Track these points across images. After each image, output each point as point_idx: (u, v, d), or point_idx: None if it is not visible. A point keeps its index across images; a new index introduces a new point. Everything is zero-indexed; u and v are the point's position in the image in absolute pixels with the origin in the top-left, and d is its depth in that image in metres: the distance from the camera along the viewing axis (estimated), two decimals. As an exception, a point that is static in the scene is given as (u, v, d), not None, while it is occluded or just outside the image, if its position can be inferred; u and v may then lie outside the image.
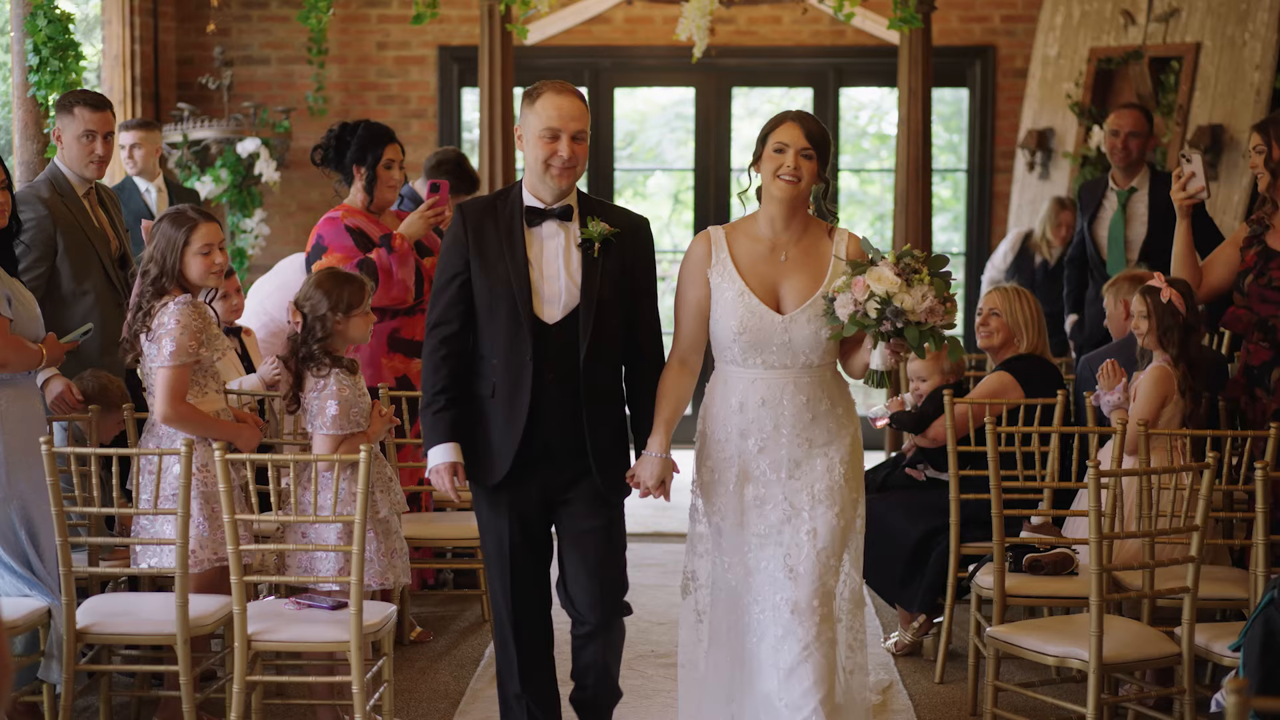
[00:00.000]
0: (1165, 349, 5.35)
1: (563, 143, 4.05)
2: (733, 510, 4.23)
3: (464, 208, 4.19)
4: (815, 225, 4.27)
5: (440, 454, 4.15)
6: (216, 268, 4.77)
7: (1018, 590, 5.02)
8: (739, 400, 4.20)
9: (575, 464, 4.17)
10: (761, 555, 4.18)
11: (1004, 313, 5.95)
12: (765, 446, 4.19)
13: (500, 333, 4.12)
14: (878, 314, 3.95)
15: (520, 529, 4.21)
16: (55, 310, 5.45)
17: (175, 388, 4.65)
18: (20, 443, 4.68)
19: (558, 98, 4.08)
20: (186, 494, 4.42)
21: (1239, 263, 5.68)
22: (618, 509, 4.29)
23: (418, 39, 10.20)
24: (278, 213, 10.13)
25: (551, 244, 4.14)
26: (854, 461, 4.24)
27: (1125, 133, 7.10)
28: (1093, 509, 4.27)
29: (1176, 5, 9.23)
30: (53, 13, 7.31)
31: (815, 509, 4.15)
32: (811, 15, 9.89)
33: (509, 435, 4.12)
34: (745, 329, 4.14)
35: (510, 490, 4.18)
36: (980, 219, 10.51)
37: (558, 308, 4.11)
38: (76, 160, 5.70)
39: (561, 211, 4.16)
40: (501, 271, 4.10)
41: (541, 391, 4.10)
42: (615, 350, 4.22)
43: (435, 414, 4.16)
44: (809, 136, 4.14)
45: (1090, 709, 4.31)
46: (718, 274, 4.20)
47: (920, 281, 3.94)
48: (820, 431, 4.19)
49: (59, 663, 4.54)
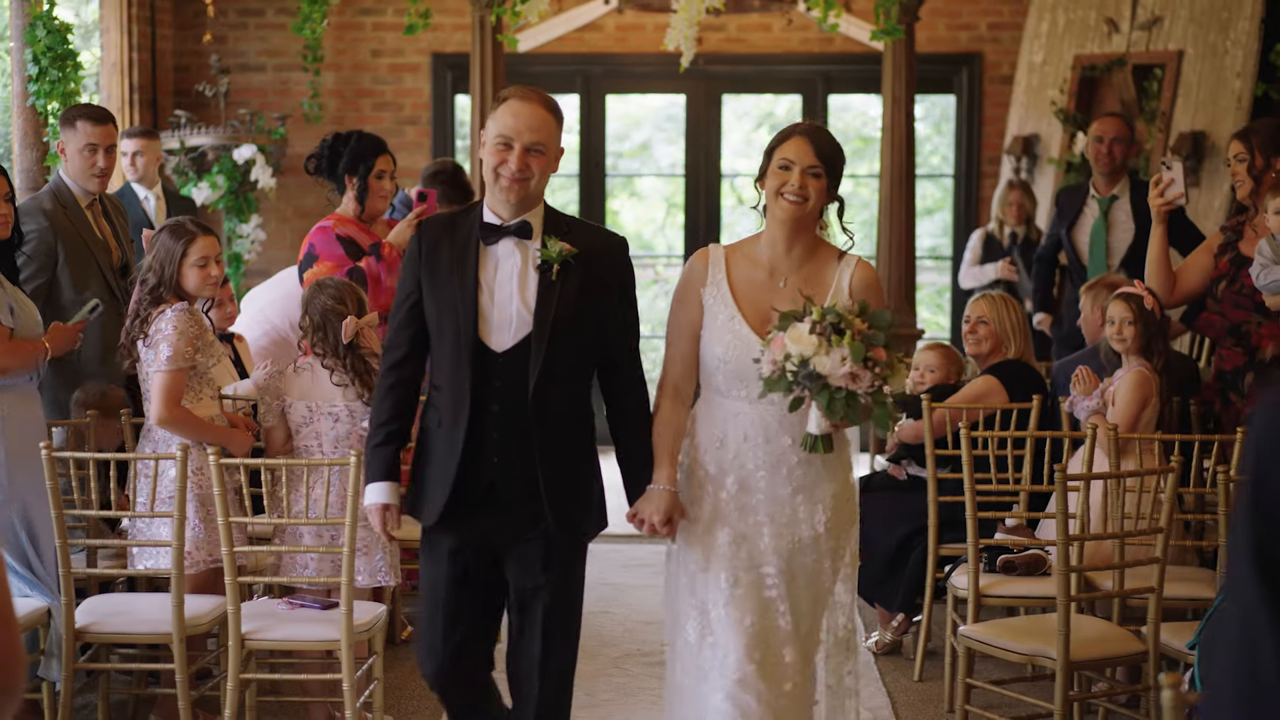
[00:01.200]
0: (1149, 355, 5.47)
1: (514, 153, 3.68)
2: (701, 554, 3.86)
3: (424, 224, 3.90)
4: (824, 250, 3.91)
5: (374, 493, 3.86)
6: (213, 279, 4.92)
7: (991, 590, 5.15)
8: (720, 434, 3.88)
9: (528, 509, 3.75)
10: (730, 608, 3.79)
11: (992, 320, 6.09)
12: (745, 486, 3.85)
13: (446, 360, 3.77)
14: (793, 376, 3.60)
15: (459, 578, 3.81)
16: (55, 318, 5.58)
17: (171, 391, 4.79)
18: (21, 446, 4.81)
19: (518, 104, 3.72)
20: (182, 497, 4.55)
21: (1213, 269, 5.81)
22: (576, 564, 3.88)
23: (412, 46, 10.33)
24: (274, 218, 10.26)
25: (507, 264, 3.75)
26: (840, 509, 3.88)
27: (1109, 139, 7.24)
28: (1059, 511, 4.41)
29: (1159, 13, 9.37)
30: (52, 23, 7.44)
31: (795, 556, 3.82)
32: (801, 23, 10.02)
33: (447, 472, 3.75)
34: (730, 357, 3.82)
35: (452, 534, 3.81)
36: (968, 223, 10.65)
37: (508, 335, 3.72)
38: (79, 173, 5.84)
39: (519, 229, 3.76)
40: (448, 294, 3.75)
41: (482, 426, 3.72)
42: (576, 382, 3.81)
43: (374, 448, 3.86)
44: (818, 153, 3.79)
45: (1057, 705, 4.44)
46: (711, 295, 3.89)
47: (840, 344, 3.55)
48: (805, 475, 3.83)
49: (59, 661, 4.66)
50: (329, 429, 4.99)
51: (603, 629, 6.28)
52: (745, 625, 3.76)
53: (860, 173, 11.67)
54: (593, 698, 5.42)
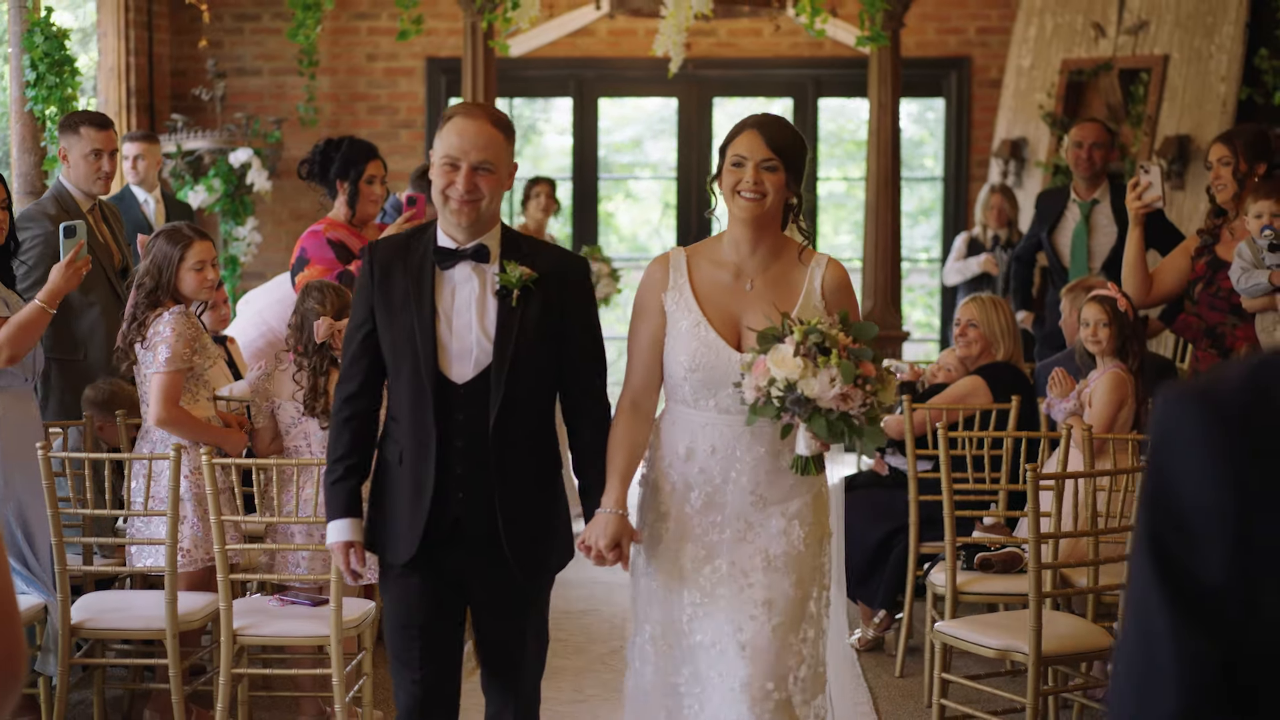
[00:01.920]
0: (1124, 357, 5.58)
1: (461, 174, 3.51)
2: (666, 571, 3.70)
3: (373, 247, 3.69)
4: (790, 249, 3.72)
5: (336, 531, 3.69)
6: (209, 283, 5.03)
7: (968, 588, 5.26)
8: (687, 446, 3.68)
9: (489, 549, 3.60)
10: (697, 628, 3.65)
11: (981, 323, 6.19)
12: (712, 501, 3.66)
13: (405, 393, 3.59)
14: (780, 402, 3.40)
15: (432, 616, 3.68)
16: (63, 319, 5.71)
17: (169, 392, 4.90)
18: (17, 447, 4.92)
19: (463, 122, 3.54)
20: (175, 496, 4.65)
21: (1189, 271, 5.90)
22: (541, 601, 3.76)
23: (406, 51, 10.44)
24: (269, 221, 10.36)
25: (464, 290, 3.57)
26: (818, 523, 3.69)
27: (1089, 144, 7.33)
28: (1031, 510, 4.51)
29: (1145, 18, 9.48)
30: (49, 29, 7.53)
31: (769, 577, 3.61)
32: (790, 28, 10.13)
33: (416, 510, 3.58)
34: (697, 365, 3.61)
35: (421, 572, 3.64)
36: (957, 226, 10.76)
37: (468, 365, 3.55)
38: (84, 178, 5.95)
39: (475, 252, 3.58)
40: (405, 323, 3.56)
41: (448, 462, 3.55)
42: (538, 413, 3.65)
43: (333, 485, 3.69)
44: (771, 145, 3.59)
45: (1030, 699, 4.55)
46: (673, 301, 3.68)
47: (828, 364, 3.36)
48: (778, 488, 3.64)
49: (55, 656, 4.77)
50: (318, 429, 5.09)
51: (590, 626, 6.38)
52: (711, 645, 3.62)
53: (853, 175, 11.78)
54: (580, 693, 5.53)
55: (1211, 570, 1.27)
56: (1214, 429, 1.29)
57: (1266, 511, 1.26)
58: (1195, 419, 1.30)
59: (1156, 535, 1.31)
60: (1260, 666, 1.26)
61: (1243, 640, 1.26)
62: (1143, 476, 1.33)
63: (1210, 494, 1.28)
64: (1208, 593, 1.27)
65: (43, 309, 4.89)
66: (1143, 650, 1.30)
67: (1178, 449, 1.31)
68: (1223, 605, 1.26)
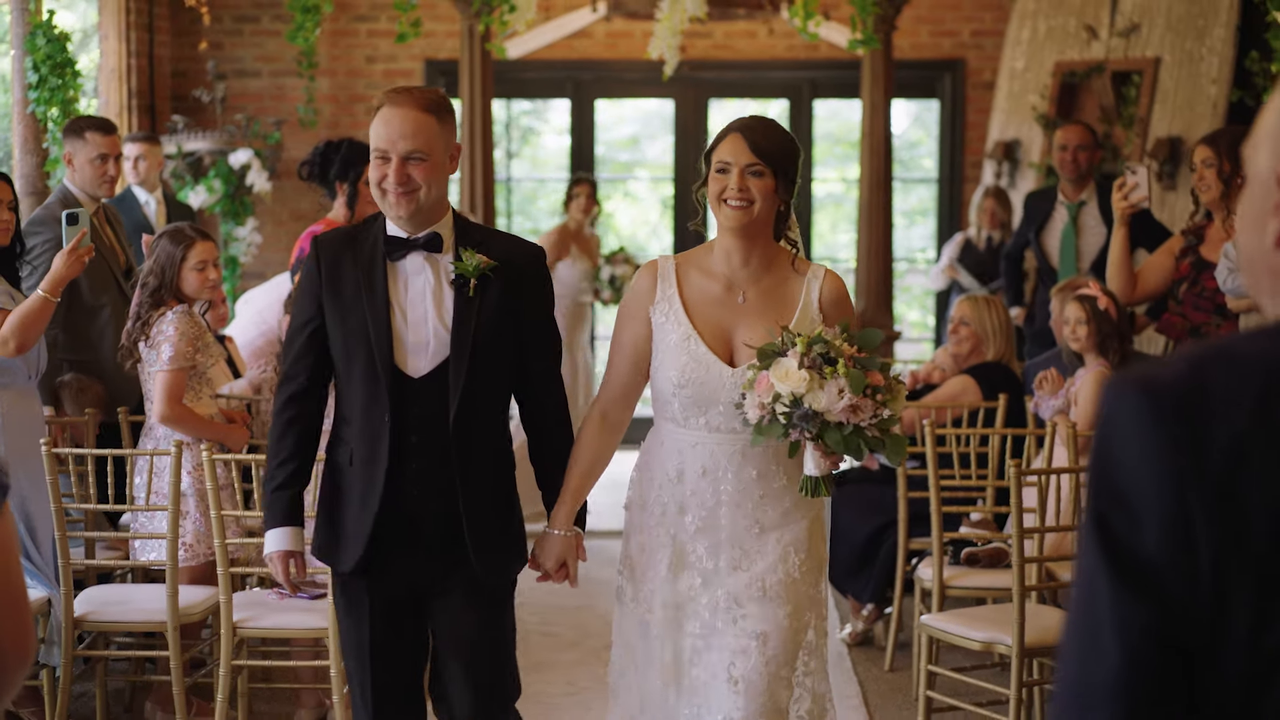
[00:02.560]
0: (1105, 354, 5.67)
1: (391, 166, 3.37)
2: (663, 603, 3.51)
3: (319, 240, 3.53)
4: (784, 258, 3.55)
5: (275, 540, 3.53)
6: (211, 282, 5.13)
7: (955, 582, 5.35)
8: (676, 467, 3.50)
9: (450, 548, 3.45)
10: (697, 661, 3.48)
11: (973, 321, 6.29)
12: (705, 525, 3.48)
13: (357, 390, 3.43)
14: (787, 418, 3.26)
15: (385, 626, 3.52)
16: (75, 321, 5.81)
17: (172, 390, 5.00)
18: (20, 443, 5.01)
19: (389, 111, 3.39)
20: (176, 492, 4.74)
21: (1173, 271, 5.99)
22: (505, 600, 3.60)
23: (405, 53, 10.52)
24: (269, 221, 10.44)
25: (418, 281, 3.44)
26: (814, 550, 3.53)
27: (1074, 147, 7.43)
28: (1015, 506, 4.61)
29: (1138, 21, 9.57)
30: (51, 31, 7.62)
31: (764, 607, 3.44)
32: (785, 30, 10.22)
33: (365, 512, 3.43)
34: (686, 381, 3.44)
35: (371, 578, 3.49)
36: (951, 227, 10.85)
37: (424, 358, 3.42)
38: (89, 182, 6.05)
39: (428, 241, 3.44)
40: (358, 316, 3.41)
41: (403, 459, 3.41)
42: (498, 405, 3.53)
43: (274, 491, 3.52)
44: (756, 149, 3.42)
45: (1013, 690, 4.64)
46: (662, 313, 3.51)
47: (835, 375, 3.24)
48: (773, 512, 3.48)
49: (59, 648, 4.86)
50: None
51: (585, 623, 6.46)
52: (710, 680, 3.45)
53: (850, 176, 11.87)
54: (573, 685, 5.62)
55: (1149, 545, 1.38)
56: (1153, 416, 1.40)
57: (1199, 491, 1.36)
58: (1136, 406, 1.41)
59: (1100, 512, 1.41)
60: (1193, 629, 1.37)
61: (1177, 607, 1.37)
62: (1090, 458, 1.43)
63: (1148, 475, 1.38)
64: (1146, 564, 1.38)
65: (45, 299, 4.95)
66: (1087, 617, 1.41)
67: (1120, 433, 1.42)
68: (1159, 576, 1.37)
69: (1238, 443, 1.37)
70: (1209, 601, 1.37)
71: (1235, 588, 1.36)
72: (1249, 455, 1.37)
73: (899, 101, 10.58)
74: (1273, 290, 1.52)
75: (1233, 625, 1.37)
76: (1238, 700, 1.38)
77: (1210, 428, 1.38)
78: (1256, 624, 1.36)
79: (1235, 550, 1.36)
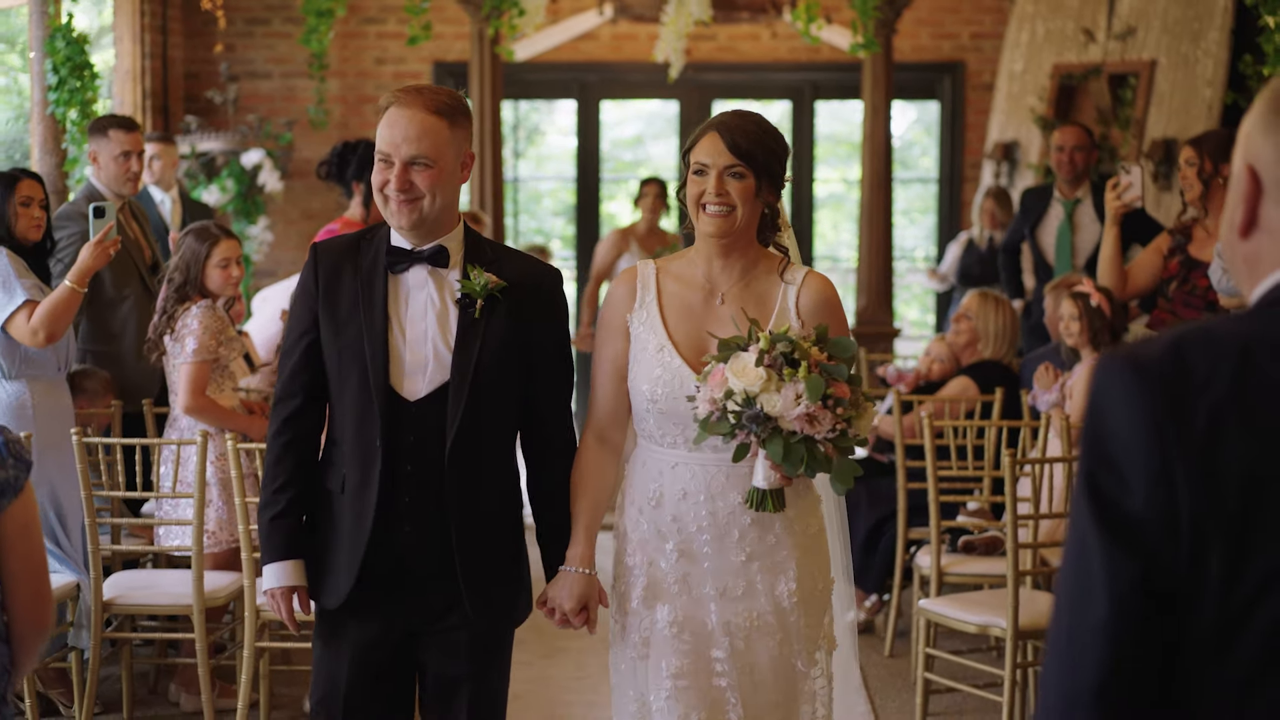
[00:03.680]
0: (1098, 348, 5.84)
1: (394, 170, 3.13)
2: (636, 638, 3.21)
3: (318, 248, 3.28)
4: (769, 262, 3.27)
5: (275, 575, 3.23)
6: (234, 279, 5.32)
7: (952, 569, 5.53)
8: (655, 490, 3.20)
9: (443, 587, 3.18)
10: (672, 701, 3.15)
11: (975, 317, 6.47)
12: (687, 553, 3.17)
13: (349, 411, 3.17)
14: (736, 417, 2.97)
15: (362, 672, 3.21)
16: (97, 313, 5.99)
17: (196, 382, 5.18)
18: (50, 433, 5.19)
19: (395, 113, 3.14)
20: (201, 479, 4.92)
21: (1161, 269, 6.16)
22: (500, 650, 3.30)
23: (414, 55, 10.68)
24: (280, 220, 10.61)
25: (419, 297, 3.19)
26: (806, 579, 3.20)
27: (1070, 148, 7.59)
28: (1009, 493, 4.78)
29: (1134, 24, 9.73)
30: (70, 34, 7.79)
31: (755, 642, 3.16)
32: (788, 33, 10.40)
33: (354, 544, 3.16)
34: (659, 395, 3.15)
35: (356, 617, 3.20)
36: (951, 226, 11.03)
37: (422, 380, 3.15)
38: (115, 179, 6.22)
39: (433, 255, 3.19)
40: (353, 332, 3.16)
41: (395, 489, 3.14)
42: (502, 437, 3.24)
43: (272, 520, 3.23)
44: (735, 149, 3.13)
45: (1007, 670, 4.82)
46: (640, 320, 3.24)
47: (794, 378, 2.94)
48: (763, 537, 3.16)
49: (88, 631, 5.03)
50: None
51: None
52: None
53: (851, 176, 12.05)
54: (582, 670, 5.80)
55: (1137, 505, 1.55)
56: (1140, 389, 1.57)
57: (1182, 457, 1.54)
58: (1124, 379, 1.59)
59: (1091, 473, 1.59)
60: (1174, 580, 1.55)
61: (1161, 560, 1.55)
62: (1082, 425, 1.61)
63: (1136, 442, 1.56)
64: (1133, 522, 1.55)
65: (73, 289, 5.13)
66: (1080, 570, 1.58)
67: (1110, 403, 1.59)
68: (1145, 532, 1.55)
69: (1216, 413, 1.54)
70: (1188, 555, 1.54)
71: (1211, 543, 1.53)
72: (1225, 424, 1.54)
73: (899, 103, 10.75)
74: (1246, 276, 1.70)
75: (1208, 576, 1.53)
76: (1212, 643, 1.55)
77: (1191, 400, 1.55)
78: (1229, 575, 1.53)
79: (1212, 509, 1.53)
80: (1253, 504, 1.53)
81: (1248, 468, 1.53)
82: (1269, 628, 1.53)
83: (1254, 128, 1.68)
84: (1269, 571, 1.53)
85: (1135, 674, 1.55)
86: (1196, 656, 1.56)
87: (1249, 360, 1.56)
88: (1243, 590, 1.53)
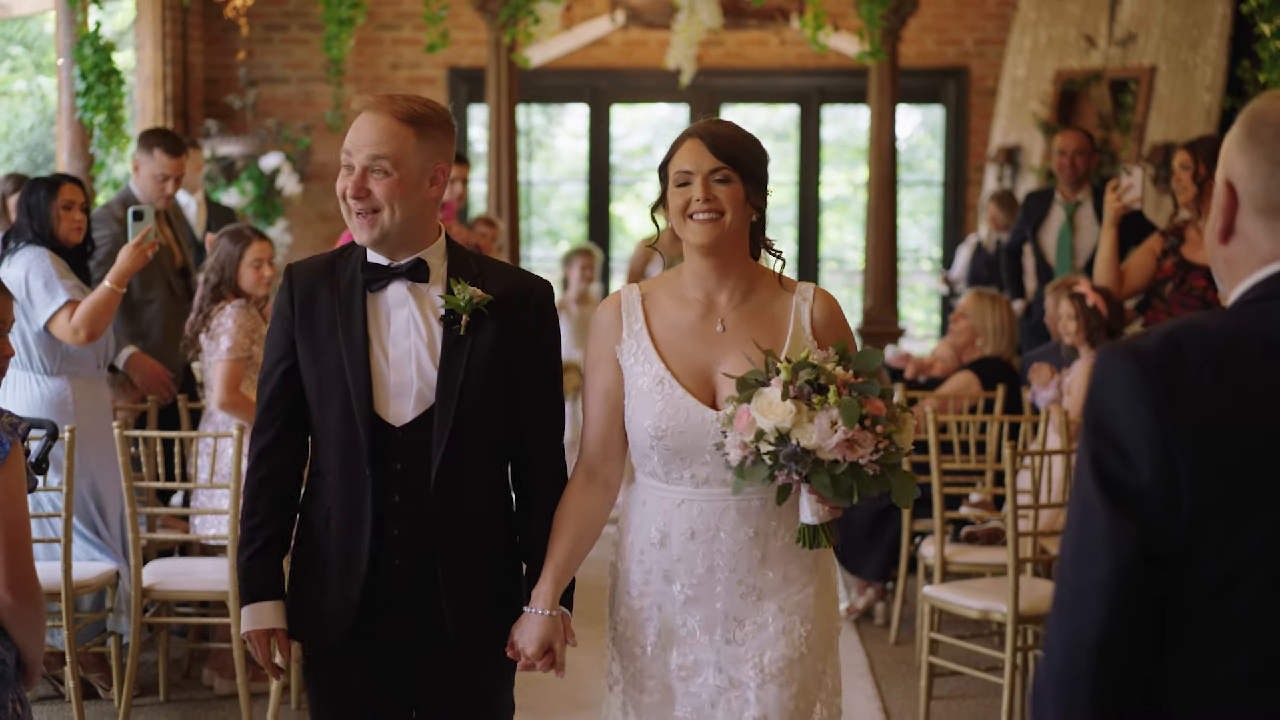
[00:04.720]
0: (1094, 347, 6.05)
1: (355, 175, 2.94)
2: (653, 685, 3.04)
3: (292, 268, 3.10)
4: (767, 277, 3.08)
5: (252, 617, 3.05)
6: (266, 279, 5.53)
7: (956, 558, 5.74)
8: (660, 529, 3.01)
9: (434, 627, 3.01)
10: None
11: (972, 316, 6.68)
12: (696, 595, 3.00)
13: (332, 439, 2.99)
14: (773, 458, 2.78)
15: (359, 714, 3.08)
16: (125, 314, 6.20)
17: (230, 378, 5.40)
18: (90, 427, 5.41)
19: (363, 117, 2.96)
20: (238, 470, 5.13)
21: (1155, 269, 6.35)
22: (500, 688, 3.13)
23: (429, 60, 10.90)
24: (298, 222, 10.83)
25: (400, 315, 3.00)
26: (822, 619, 3.03)
27: (1071, 152, 7.79)
28: (1009, 484, 4.99)
29: (1134, 31, 9.93)
30: (97, 42, 8.01)
31: (764, 687, 2.97)
32: (796, 39, 10.62)
33: (346, 583, 2.99)
34: (664, 431, 2.95)
35: (350, 659, 3.04)
36: (955, 229, 11.24)
37: (408, 403, 2.97)
38: (149, 193, 6.43)
39: (411, 269, 3.00)
40: (333, 355, 2.97)
41: (384, 520, 2.97)
42: (490, 463, 3.06)
43: (249, 560, 3.05)
44: (719, 153, 2.96)
45: (1008, 654, 5.03)
46: (629, 353, 3.03)
47: (825, 405, 2.77)
48: (773, 577, 3.00)
49: (127, 617, 5.25)
50: None
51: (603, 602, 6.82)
52: None
53: (857, 180, 12.26)
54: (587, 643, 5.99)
55: (1140, 478, 1.73)
56: (1139, 375, 1.76)
57: (1179, 436, 1.73)
58: (1125, 369, 1.78)
59: (1097, 454, 1.77)
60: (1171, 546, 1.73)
61: (1160, 528, 1.73)
62: (1084, 411, 1.80)
63: (1137, 423, 1.74)
64: (1136, 494, 1.74)
65: (112, 289, 5.38)
66: (1083, 536, 1.76)
67: (1112, 390, 1.78)
68: (1147, 503, 1.73)
69: (1206, 397, 1.72)
70: (1185, 525, 1.72)
71: (1207, 514, 1.71)
72: (1214, 407, 1.72)
73: (905, 107, 10.97)
74: (1227, 276, 1.90)
75: (1202, 544, 1.72)
76: (1204, 604, 1.73)
77: (1184, 385, 1.73)
78: (1221, 543, 1.71)
79: (1207, 484, 1.71)
80: (1244, 480, 1.70)
81: (1239, 446, 1.71)
82: (1256, 591, 1.71)
83: (1233, 147, 1.87)
84: (1258, 543, 1.70)
85: (1133, 627, 1.73)
86: (1187, 615, 1.73)
87: (1236, 350, 1.74)
88: (1234, 556, 1.71)
